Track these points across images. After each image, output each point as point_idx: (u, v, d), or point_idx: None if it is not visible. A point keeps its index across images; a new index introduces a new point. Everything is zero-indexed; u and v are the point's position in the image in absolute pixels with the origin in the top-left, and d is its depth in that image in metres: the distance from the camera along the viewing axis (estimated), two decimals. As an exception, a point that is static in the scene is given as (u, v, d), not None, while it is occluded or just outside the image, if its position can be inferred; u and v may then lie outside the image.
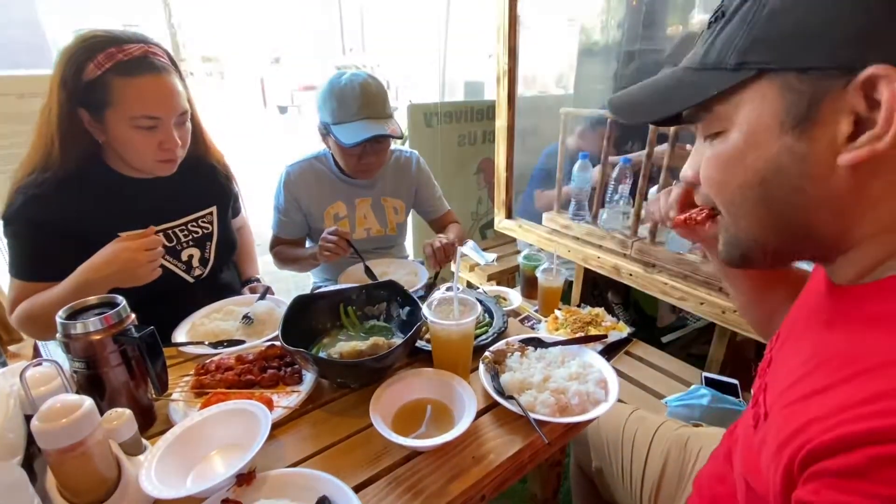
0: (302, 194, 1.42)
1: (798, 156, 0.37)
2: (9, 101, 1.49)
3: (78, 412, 0.53)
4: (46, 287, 0.94)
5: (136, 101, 0.90)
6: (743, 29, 0.38)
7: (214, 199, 1.20)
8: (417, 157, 1.57)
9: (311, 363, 0.81)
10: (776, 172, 0.39)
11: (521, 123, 1.84)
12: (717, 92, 0.40)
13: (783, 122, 0.37)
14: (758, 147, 0.39)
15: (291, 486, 0.63)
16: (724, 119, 0.41)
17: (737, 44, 0.38)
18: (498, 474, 0.71)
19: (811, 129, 0.36)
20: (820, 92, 0.35)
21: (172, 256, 1.09)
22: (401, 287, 1.03)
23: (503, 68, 1.73)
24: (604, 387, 0.83)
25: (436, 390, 0.82)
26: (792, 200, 0.39)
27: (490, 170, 2.76)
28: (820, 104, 0.35)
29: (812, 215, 0.39)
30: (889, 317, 0.36)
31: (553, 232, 1.67)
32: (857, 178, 0.36)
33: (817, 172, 0.37)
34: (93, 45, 0.87)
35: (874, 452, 0.29)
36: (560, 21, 2.59)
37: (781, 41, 0.36)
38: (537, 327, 1.34)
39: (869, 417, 0.31)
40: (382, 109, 1.30)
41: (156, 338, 0.75)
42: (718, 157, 0.43)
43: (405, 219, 1.60)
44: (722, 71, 0.40)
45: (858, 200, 0.37)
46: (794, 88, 0.36)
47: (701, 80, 0.42)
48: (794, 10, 0.35)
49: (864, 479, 0.30)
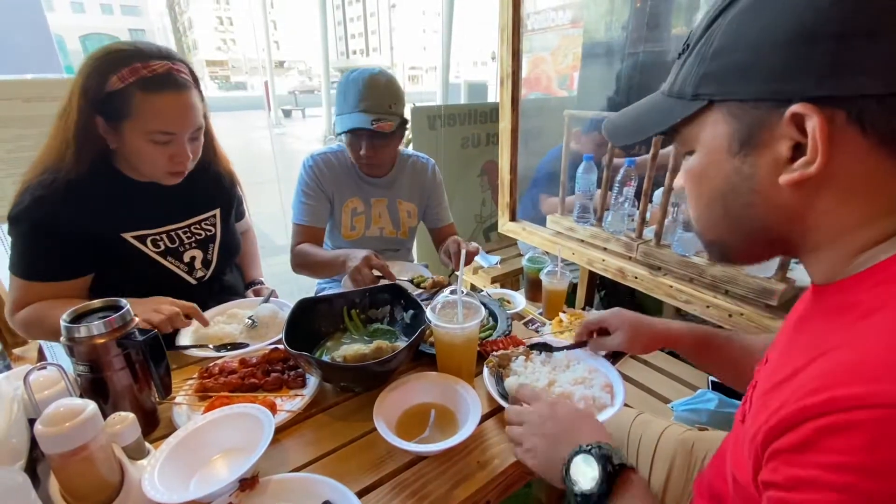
0: (326, 181, 1.43)
1: (745, 175, 0.42)
2: (15, 105, 1.50)
3: (81, 416, 0.53)
4: (47, 288, 0.95)
5: (155, 117, 0.92)
6: (697, 63, 0.43)
7: (218, 201, 1.21)
8: (434, 165, 1.59)
9: (314, 367, 0.81)
10: (731, 189, 0.44)
11: (524, 125, 1.83)
12: (680, 119, 0.45)
13: (731, 145, 0.42)
14: (715, 167, 0.45)
15: (294, 490, 0.62)
16: (691, 141, 0.47)
17: (693, 76, 0.44)
18: (503, 479, 0.71)
19: (755, 153, 0.41)
20: (759, 121, 0.40)
21: (174, 258, 1.10)
22: (405, 290, 1.02)
23: (507, 70, 1.73)
24: (609, 391, 0.82)
25: (440, 394, 0.81)
26: (748, 213, 0.44)
27: (494, 172, 2.75)
28: (760, 131, 0.40)
29: (769, 224, 0.44)
30: (850, 307, 0.38)
31: (557, 234, 1.66)
32: (802, 194, 0.40)
33: (764, 190, 0.42)
34: (118, 58, 0.89)
35: (815, 425, 0.32)
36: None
37: (724, 76, 0.41)
38: (541, 330, 1.33)
39: (810, 394, 0.33)
40: (382, 105, 1.30)
41: (159, 341, 0.75)
42: (689, 173, 0.48)
43: (416, 224, 1.60)
44: (684, 100, 0.45)
45: (809, 211, 0.41)
46: (738, 117, 0.41)
47: (669, 108, 0.47)
48: (733, 49, 0.40)
49: (813, 450, 0.32)
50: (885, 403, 0.29)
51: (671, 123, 0.46)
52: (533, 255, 1.42)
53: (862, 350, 0.33)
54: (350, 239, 1.50)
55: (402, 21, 67.37)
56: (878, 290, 0.37)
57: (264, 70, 11.95)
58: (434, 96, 5.71)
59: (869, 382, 0.30)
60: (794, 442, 0.33)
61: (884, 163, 0.37)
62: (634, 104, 0.54)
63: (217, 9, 73.73)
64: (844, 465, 0.30)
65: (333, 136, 1.39)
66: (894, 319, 0.33)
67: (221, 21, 74.45)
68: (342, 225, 1.48)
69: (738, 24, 0.40)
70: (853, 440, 0.30)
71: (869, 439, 0.29)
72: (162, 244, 1.07)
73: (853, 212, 0.39)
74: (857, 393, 0.30)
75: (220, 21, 74.43)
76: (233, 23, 73.67)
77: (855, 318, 0.37)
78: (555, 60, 2.84)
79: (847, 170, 0.37)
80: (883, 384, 0.30)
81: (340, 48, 74.83)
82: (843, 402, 0.31)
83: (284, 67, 75.22)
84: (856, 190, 0.38)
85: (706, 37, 0.43)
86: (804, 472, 0.32)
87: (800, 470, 0.33)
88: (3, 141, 1.52)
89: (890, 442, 0.29)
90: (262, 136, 11.91)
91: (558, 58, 2.81)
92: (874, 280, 0.38)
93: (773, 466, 0.35)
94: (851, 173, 0.38)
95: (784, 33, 0.37)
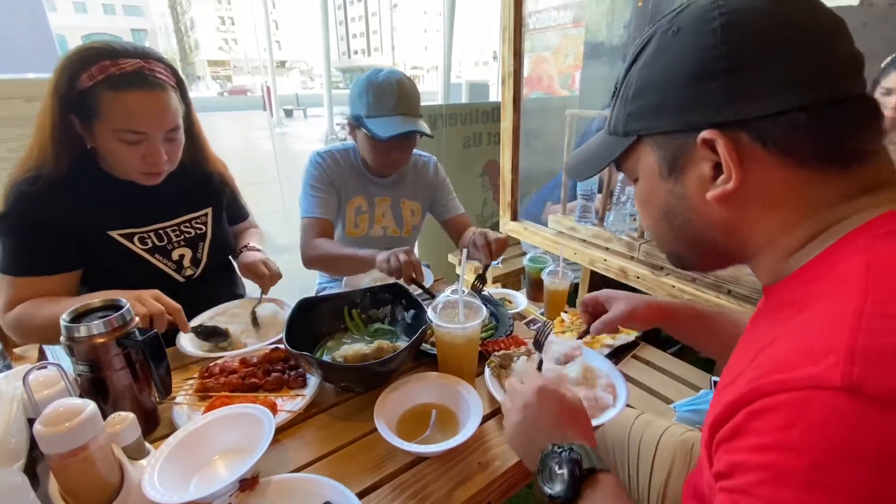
0: (334, 176, 1.42)
1: (679, 195, 0.48)
2: (16, 104, 1.50)
3: (81, 416, 0.53)
4: (35, 283, 0.94)
5: (122, 116, 0.91)
6: (623, 105, 0.50)
7: (209, 201, 1.21)
8: (435, 162, 1.59)
9: (314, 367, 0.81)
10: (670, 209, 0.50)
11: (526, 125, 1.83)
12: (619, 154, 0.52)
13: (662, 171, 0.48)
14: (653, 191, 0.51)
15: (295, 491, 0.62)
16: (633, 170, 0.53)
17: (622, 116, 0.50)
18: (504, 481, 0.70)
19: (682, 176, 0.47)
20: (679, 148, 0.46)
21: (162, 255, 1.09)
22: (406, 290, 1.02)
23: (509, 70, 1.72)
24: (612, 391, 0.82)
25: (441, 395, 0.81)
26: (690, 228, 0.50)
27: (495, 172, 2.75)
28: (682, 157, 0.46)
29: (711, 236, 0.49)
30: (787, 305, 0.42)
31: (559, 234, 1.66)
32: (731, 208, 0.45)
33: (697, 207, 0.47)
34: (89, 56, 0.89)
35: (745, 412, 0.34)
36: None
37: (644, 114, 0.48)
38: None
39: (745, 385, 0.36)
40: (416, 108, 1.32)
41: (159, 341, 0.75)
42: (637, 198, 0.56)
43: (420, 222, 1.60)
44: (619, 137, 0.52)
45: (741, 222, 0.46)
46: (662, 147, 0.47)
47: (610, 145, 0.54)
48: (646, 91, 0.47)
49: (742, 435, 0.34)
50: (799, 386, 0.32)
51: (613, 158, 0.53)
52: (535, 255, 1.42)
53: (790, 343, 0.36)
54: (353, 236, 1.50)
55: (403, 21, 67.41)
56: (807, 289, 0.40)
57: (266, 70, 11.96)
58: (435, 96, 5.70)
59: (790, 370, 0.33)
60: (729, 430, 0.36)
61: (793, 173, 0.41)
62: (587, 143, 0.60)
63: (219, 9, 73.86)
64: (765, 444, 0.32)
65: (335, 136, 1.38)
66: (818, 315, 0.36)
67: (223, 21, 74.58)
68: (346, 222, 1.48)
69: (646, 70, 0.47)
70: (772, 421, 0.32)
71: (784, 419, 0.32)
72: (149, 241, 1.07)
73: (776, 219, 0.44)
74: (778, 379, 0.33)
75: (222, 21, 74.56)
76: (234, 23, 73.78)
77: (790, 315, 0.40)
78: (556, 60, 2.83)
79: (762, 182, 0.42)
80: (799, 370, 0.32)
81: (342, 48, 74.90)
82: (766, 388, 0.33)
83: (286, 67, 75.27)
84: (774, 199, 0.43)
85: (626, 82, 0.50)
86: (737, 457, 0.34)
87: (734, 456, 0.35)
88: (4, 140, 1.53)
89: (803, 420, 0.31)
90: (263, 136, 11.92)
91: (560, 57, 2.80)
92: (804, 279, 0.42)
93: (717, 457, 0.37)
94: (766, 185, 0.42)
95: (682, 74, 0.43)
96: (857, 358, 0.30)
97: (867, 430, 0.29)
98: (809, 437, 0.30)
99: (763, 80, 0.40)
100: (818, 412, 0.30)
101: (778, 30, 0.40)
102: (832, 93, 0.40)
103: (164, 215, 1.11)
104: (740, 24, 0.41)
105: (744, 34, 0.40)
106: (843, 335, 0.32)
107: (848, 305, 0.34)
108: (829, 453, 0.29)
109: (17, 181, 0.95)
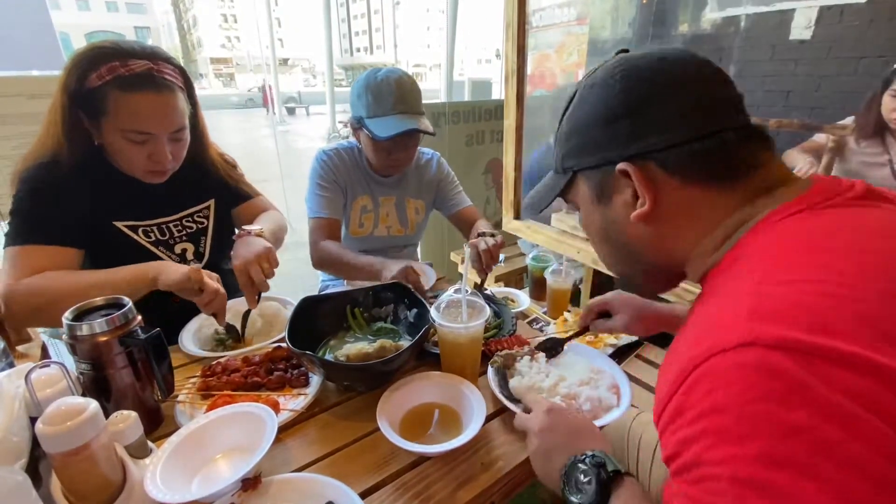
0: (340, 175, 1.41)
1: (611, 219, 0.56)
2: (20, 101, 1.51)
3: (83, 415, 0.53)
4: (45, 253, 0.92)
5: (129, 116, 0.92)
6: (559, 146, 0.60)
7: (213, 191, 1.20)
8: (438, 157, 1.58)
9: (317, 366, 0.80)
10: (606, 231, 0.58)
11: (529, 123, 1.81)
12: (562, 188, 0.60)
13: (594, 199, 0.57)
14: (590, 217, 0.59)
15: (297, 491, 0.62)
16: (576, 201, 0.61)
17: (560, 156, 0.60)
18: (507, 481, 0.70)
19: (611, 202, 0.55)
20: (604, 179, 0.55)
21: (166, 248, 1.10)
22: (408, 289, 1.02)
23: (512, 67, 1.72)
24: (616, 392, 0.81)
25: (444, 394, 0.80)
26: (627, 249, 0.57)
27: (498, 170, 2.73)
28: (607, 186, 0.54)
29: (645, 256, 0.56)
30: (703, 296, 0.49)
31: (562, 233, 1.65)
32: (653, 225, 0.52)
33: (626, 228, 0.55)
34: (99, 55, 0.90)
35: (680, 392, 0.38)
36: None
37: (573, 153, 0.57)
38: (546, 329, 1.32)
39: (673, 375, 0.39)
40: (416, 105, 1.30)
41: (162, 339, 0.75)
42: (582, 225, 0.63)
43: (424, 220, 1.60)
44: (560, 174, 0.61)
45: (665, 236, 0.53)
46: (591, 179, 0.56)
47: (555, 181, 0.62)
48: (573, 133, 0.57)
49: (682, 413, 0.37)
50: (713, 353, 0.36)
51: (557, 193, 0.62)
52: (537, 254, 1.41)
53: (706, 321, 0.41)
54: (357, 236, 1.49)
55: (406, 18, 67.24)
56: (723, 276, 0.46)
57: (268, 67, 11.95)
58: (438, 94, 5.70)
59: (704, 343, 0.37)
60: (669, 415, 0.39)
61: (696, 191, 0.49)
62: (542, 180, 0.68)
63: (221, 6, 73.81)
64: (697, 415, 0.36)
65: (338, 133, 1.38)
66: (728, 293, 0.42)
67: (226, 18, 74.52)
68: (351, 221, 1.47)
69: (573, 117, 0.56)
70: (697, 392, 0.36)
71: (707, 386, 0.35)
72: (153, 235, 1.08)
73: (689, 233, 0.51)
74: (696, 354, 0.37)
75: (225, 18, 74.51)
76: (237, 20, 73.74)
77: (703, 304, 0.47)
78: (560, 58, 2.81)
79: (673, 202, 0.50)
80: (711, 341, 0.36)
81: (344, 45, 74.79)
82: (688, 367, 0.37)
83: (288, 65, 75.21)
84: (687, 214, 0.51)
85: (560, 126, 0.59)
86: (680, 434, 0.37)
87: (678, 434, 0.37)
88: (7, 137, 1.53)
89: (719, 380, 0.35)
90: (265, 133, 11.91)
91: (563, 55, 2.78)
92: (721, 269, 0.48)
93: (664, 442, 0.40)
94: (677, 203, 0.50)
95: (597, 118, 0.53)
96: (755, 319, 0.35)
97: (770, 374, 0.32)
98: (729, 394, 0.34)
99: (657, 119, 0.49)
100: (731, 371, 0.34)
101: (662, 77, 0.50)
102: (713, 126, 0.48)
103: (165, 210, 1.11)
104: (633, 76, 0.50)
105: (637, 82, 0.50)
106: (744, 304, 0.37)
107: (750, 279, 0.40)
108: (749, 404, 0.33)
109: (31, 165, 0.96)
